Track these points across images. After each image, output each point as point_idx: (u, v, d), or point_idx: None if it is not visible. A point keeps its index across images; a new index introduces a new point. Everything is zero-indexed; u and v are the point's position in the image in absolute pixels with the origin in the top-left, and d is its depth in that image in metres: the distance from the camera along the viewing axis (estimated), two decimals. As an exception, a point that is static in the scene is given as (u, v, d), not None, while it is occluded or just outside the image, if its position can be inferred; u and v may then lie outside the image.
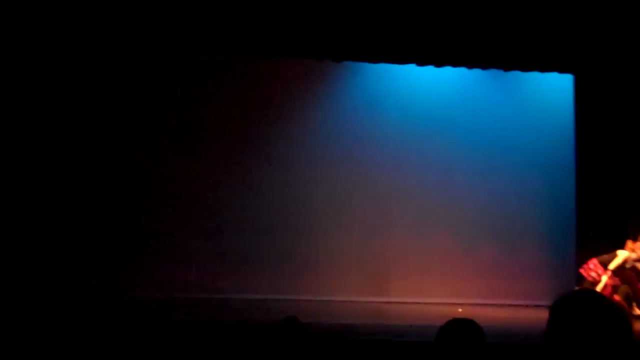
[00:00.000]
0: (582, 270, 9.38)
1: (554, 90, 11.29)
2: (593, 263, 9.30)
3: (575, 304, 1.97)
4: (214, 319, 8.36)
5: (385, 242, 11.13)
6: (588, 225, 10.36)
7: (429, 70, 10.82)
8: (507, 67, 10.64)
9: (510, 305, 10.05)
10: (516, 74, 10.91)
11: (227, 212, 11.11)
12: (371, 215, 11.18)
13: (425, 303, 10.30)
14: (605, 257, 9.28)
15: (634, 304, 9.16)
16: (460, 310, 9.28)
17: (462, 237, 10.98)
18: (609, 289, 9.03)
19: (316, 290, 10.70)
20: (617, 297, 8.92)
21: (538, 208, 10.61)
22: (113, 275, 10.37)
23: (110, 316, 7.87)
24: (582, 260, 9.56)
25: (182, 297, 10.20)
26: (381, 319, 8.99)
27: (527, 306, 9.49)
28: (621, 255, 9.21)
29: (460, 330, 2.85)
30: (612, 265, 9.14)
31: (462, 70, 10.87)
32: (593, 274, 9.20)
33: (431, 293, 10.66)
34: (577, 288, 9.01)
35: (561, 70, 10.78)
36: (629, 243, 9.36)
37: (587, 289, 7.01)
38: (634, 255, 9.24)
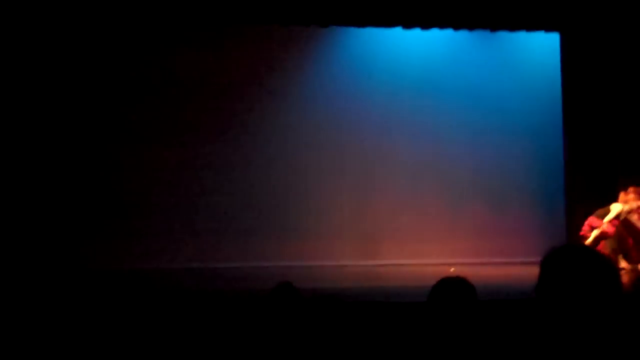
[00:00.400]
0: (583, 234, 9.39)
1: (541, 49, 11.30)
2: (590, 221, 9.36)
3: (565, 257, 2.00)
4: (205, 288, 8.40)
5: (376, 205, 11.19)
6: (577, 182, 10.43)
7: (416, 33, 10.77)
8: (494, 27, 10.61)
9: (501, 263, 10.14)
10: (503, 35, 10.90)
11: (217, 181, 11.12)
12: (361, 179, 11.22)
13: (417, 264, 10.38)
14: (600, 211, 9.36)
15: (620, 257, 9.25)
16: (452, 270, 9.36)
17: (452, 198, 11.05)
18: (596, 242, 9.12)
19: (307, 256, 10.77)
20: (603, 250, 9.01)
21: (527, 167, 10.68)
22: (111, 248, 10.50)
23: (109, 288, 7.92)
24: (571, 217, 9.63)
25: (175, 268, 10.26)
26: (373, 281, 9.05)
27: (518, 263, 9.57)
28: (615, 208, 9.29)
29: (452, 288, 2.89)
30: (607, 219, 9.22)
31: (449, 32, 10.84)
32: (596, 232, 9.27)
33: (423, 254, 10.75)
34: None
35: (547, 28, 10.76)
36: (622, 195, 9.43)
37: (575, 243, 7.11)
38: (626, 207, 9.31)
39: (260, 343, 3.10)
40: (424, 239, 10.98)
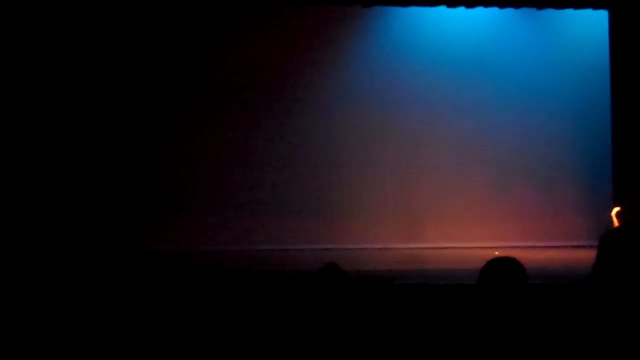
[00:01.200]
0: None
1: (588, 27, 11.03)
2: None
3: (623, 237, 1.95)
4: (249, 270, 8.46)
5: (419, 187, 11.11)
6: (625, 163, 10.20)
7: (460, 12, 10.63)
8: (540, 5, 10.40)
9: (547, 247, 10.00)
10: (549, 12, 10.67)
11: (260, 162, 11.16)
12: (404, 161, 11.14)
13: (461, 247, 10.30)
14: None
15: None
16: (496, 253, 9.26)
17: (497, 180, 10.91)
18: None
19: (351, 239, 10.76)
20: None
21: (574, 147, 10.48)
22: (150, 230, 10.62)
23: (147, 269, 8.02)
24: (619, 199, 9.43)
25: (220, 250, 10.35)
26: (418, 264, 9.00)
27: (565, 247, 9.42)
28: None
29: (503, 268, 2.84)
30: None
31: (494, 11, 10.66)
32: None
33: (467, 237, 10.64)
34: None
35: (596, 6, 10.50)
36: None
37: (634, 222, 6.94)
38: None
39: (306, 324, 3.10)
40: (468, 221, 10.87)
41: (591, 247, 7.62)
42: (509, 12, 10.69)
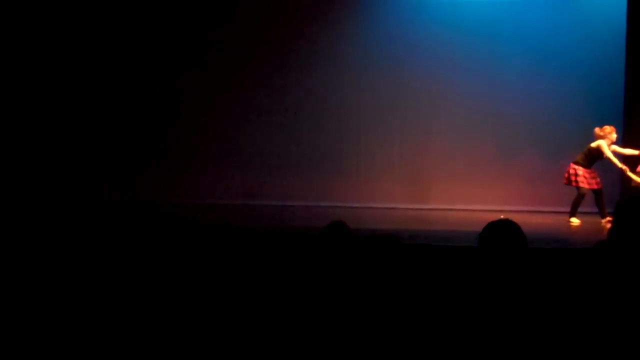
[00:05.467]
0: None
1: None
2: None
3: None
4: (256, 224, 8.54)
5: (428, 149, 11.12)
6: (633, 134, 10.14)
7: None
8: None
9: (553, 212, 10.02)
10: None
11: (271, 121, 11.19)
12: (414, 122, 11.13)
13: (467, 210, 10.33)
14: None
15: None
16: (502, 217, 9.30)
17: (506, 144, 10.89)
18: None
19: (357, 198, 10.84)
20: None
21: (584, 115, 10.38)
22: (162, 182, 10.97)
23: (155, 219, 8.12)
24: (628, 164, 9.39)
25: (226, 204, 10.45)
26: (423, 225, 9.05)
27: (569, 213, 9.42)
28: None
29: (501, 230, 2.87)
30: None
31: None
32: None
33: (473, 200, 10.67)
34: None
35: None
36: None
37: None
38: None
39: (312, 281, 3.15)
40: (475, 184, 10.88)
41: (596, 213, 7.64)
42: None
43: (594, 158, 9.20)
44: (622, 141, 10.34)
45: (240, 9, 11.10)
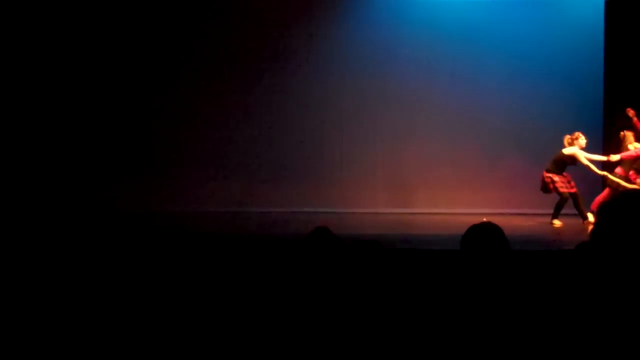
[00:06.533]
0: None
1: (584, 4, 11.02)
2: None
3: (622, 205, 2.01)
4: (241, 231, 8.53)
5: (409, 154, 11.16)
6: (614, 137, 10.24)
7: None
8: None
9: (535, 214, 10.10)
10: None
11: (253, 126, 11.19)
12: (395, 127, 11.17)
13: (450, 214, 10.39)
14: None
15: None
16: (484, 219, 9.35)
17: (488, 148, 10.96)
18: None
19: (340, 203, 10.85)
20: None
21: (565, 119, 10.48)
22: (150, 191, 10.85)
23: (145, 229, 8.09)
24: (608, 171, 9.49)
25: (210, 211, 10.42)
26: (406, 229, 9.10)
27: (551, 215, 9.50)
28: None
29: (483, 234, 2.90)
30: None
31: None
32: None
33: (456, 204, 10.74)
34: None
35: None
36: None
37: (633, 190, 7.05)
38: None
39: (297, 286, 3.17)
40: (457, 188, 10.95)
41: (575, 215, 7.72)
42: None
43: (566, 164, 9.35)
44: (602, 145, 10.46)
45: (213, 21, 11.09)
